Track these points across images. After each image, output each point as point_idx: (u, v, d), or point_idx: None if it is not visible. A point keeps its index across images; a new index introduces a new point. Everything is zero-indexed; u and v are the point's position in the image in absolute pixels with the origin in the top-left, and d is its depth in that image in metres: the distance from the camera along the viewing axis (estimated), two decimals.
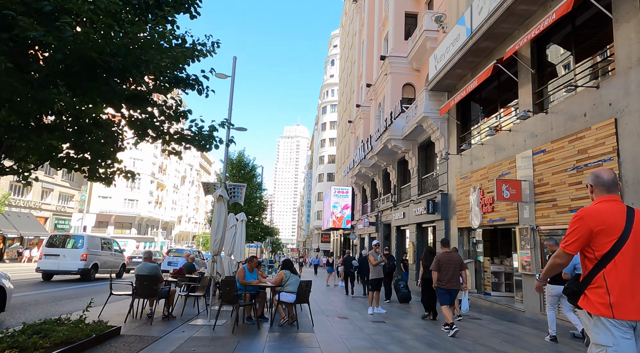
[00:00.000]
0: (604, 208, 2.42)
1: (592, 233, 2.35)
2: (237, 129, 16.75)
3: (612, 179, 2.50)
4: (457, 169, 13.71)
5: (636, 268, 2.30)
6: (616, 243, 2.32)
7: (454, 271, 7.26)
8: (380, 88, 21.74)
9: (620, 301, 2.26)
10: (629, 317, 2.24)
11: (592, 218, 2.38)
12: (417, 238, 17.41)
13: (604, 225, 2.34)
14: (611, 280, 2.30)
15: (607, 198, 2.47)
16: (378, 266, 9.46)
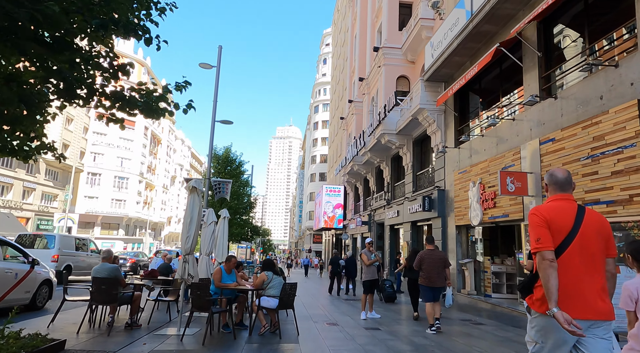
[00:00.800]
0: (554, 206, 2.40)
1: (548, 227, 2.32)
2: (222, 122, 15.86)
3: (565, 178, 2.47)
4: (454, 164, 12.93)
5: (581, 267, 2.28)
6: (563, 242, 2.29)
7: (438, 268, 7.23)
8: (373, 81, 20.93)
9: (564, 300, 2.22)
10: (575, 315, 2.18)
11: (544, 213, 2.37)
12: (412, 237, 16.61)
13: (554, 222, 2.32)
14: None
15: (560, 196, 2.45)
16: (372, 266, 8.62)
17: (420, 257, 7.40)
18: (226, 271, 6.88)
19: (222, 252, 10.41)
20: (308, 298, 12.73)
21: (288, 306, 6.58)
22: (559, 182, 2.49)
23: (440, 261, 7.34)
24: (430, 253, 7.41)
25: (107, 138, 57.52)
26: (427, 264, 7.27)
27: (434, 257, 7.34)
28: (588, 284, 2.26)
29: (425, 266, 7.27)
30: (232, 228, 18.57)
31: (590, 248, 2.31)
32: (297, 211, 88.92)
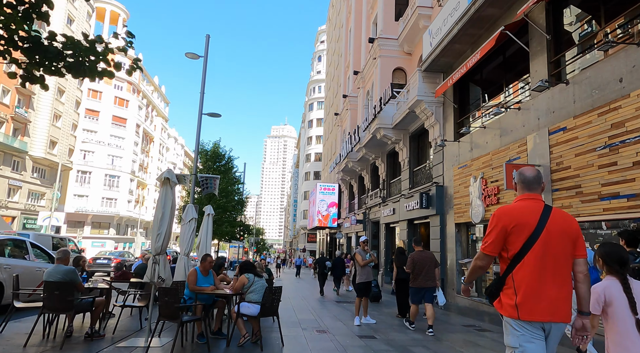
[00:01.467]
0: (519, 206, 2.38)
1: (506, 232, 2.30)
2: (210, 115, 15.08)
3: (533, 177, 2.44)
4: (454, 158, 12.24)
5: (545, 269, 2.23)
6: (526, 243, 2.25)
7: (428, 269, 7.25)
8: (368, 74, 20.20)
9: (525, 301, 2.20)
10: (533, 318, 2.19)
11: (506, 216, 2.33)
12: (409, 236, 15.91)
13: (517, 223, 2.28)
14: (518, 280, 2.24)
15: (527, 196, 2.42)
16: (367, 267, 7.88)
17: (412, 259, 7.35)
18: (202, 273, 6.11)
19: (205, 252, 9.63)
20: (298, 300, 11.98)
21: (271, 313, 5.83)
22: (527, 181, 2.44)
23: (430, 262, 7.33)
24: (420, 254, 7.38)
25: (98, 135, 56.39)
26: (419, 266, 7.24)
27: (424, 258, 7.32)
28: (550, 286, 2.22)
29: (417, 268, 7.23)
30: (221, 227, 17.78)
31: (554, 249, 2.25)
32: (292, 211, 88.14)
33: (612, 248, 2.52)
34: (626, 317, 2.29)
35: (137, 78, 63.83)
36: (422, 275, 7.19)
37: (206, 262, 6.19)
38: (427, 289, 7.20)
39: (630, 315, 2.28)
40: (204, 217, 10.11)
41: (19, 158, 39.32)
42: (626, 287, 2.33)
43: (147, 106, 70.17)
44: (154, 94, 75.63)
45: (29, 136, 40.42)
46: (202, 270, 6.14)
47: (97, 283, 5.90)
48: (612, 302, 2.34)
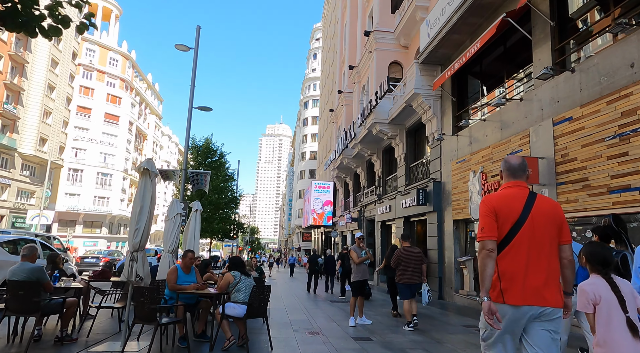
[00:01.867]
0: (505, 193, 2.40)
1: (496, 215, 2.30)
2: (201, 109, 14.59)
3: (518, 165, 2.46)
4: (452, 153, 11.87)
5: (530, 254, 2.25)
6: (511, 229, 2.25)
7: (415, 266, 7.25)
8: (364, 69, 19.78)
9: (511, 286, 2.21)
10: (519, 302, 2.20)
11: (493, 201, 2.35)
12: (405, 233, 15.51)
13: (502, 209, 2.30)
14: (504, 266, 2.26)
15: (512, 183, 2.43)
16: (363, 265, 7.47)
17: (397, 255, 7.34)
18: (183, 270, 5.66)
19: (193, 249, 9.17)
20: (291, 299, 11.55)
21: (259, 314, 5.40)
22: (512, 169, 2.46)
23: (417, 258, 7.34)
24: (407, 250, 7.37)
25: (90, 133, 55.59)
26: (405, 262, 7.25)
27: (411, 254, 7.31)
28: (535, 271, 2.23)
29: (403, 264, 7.25)
30: (212, 224, 17.30)
31: (540, 235, 2.27)
32: (287, 209, 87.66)
33: (596, 248, 2.49)
34: (616, 315, 2.28)
35: (130, 75, 63.01)
36: (409, 271, 7.19)
37: (187, 258, 5.74)
38: (414, 285, 7.23)
39: (620, 313, 2.27)
40: (191, 213, 9.66)
41: (7, 156, 38.51)
42: (613, 286, 2.33)
43: (141, 104, 69.32)
44: (147, 91, 74.77)
45: (18, 133, 39.59)
46: (183, 267, 5.69)
47: (70, 282, 5.43)
48: (601, 300, 2.33)
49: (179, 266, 5.71)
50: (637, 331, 2.24)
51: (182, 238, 9.49)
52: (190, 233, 9.35)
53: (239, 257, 5.66)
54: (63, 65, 45.50)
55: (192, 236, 9.31)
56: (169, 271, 5.57)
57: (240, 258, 5.54)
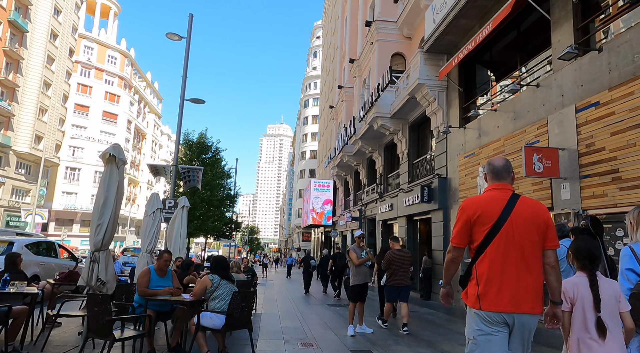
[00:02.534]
0: (485, 196, 2.34)
1: (470, 223, 2.25)
2: (193, 101, 13.85)
3: (502, 166, 2.38)
4: (459, 147, 11.10)
5: (508, 259, 2.15)
6: (488, 233, 2.19)
7: (405, 268, 7.17)
8: (365, 61, 19.01)
9: (487, 292, 2.15)
10: (495, 308, 2.12)
11: (470, 206, 2.29)
12: (408, 233, 14.77)
13: (480, 213, 2.23)
14: (481, 270, 2.19)
15: (495, 186, 2.37)
16: (363, 267, 6.69)
17: (389, 257, 7.20)
18: (157, 273, 4.90)
19: (178, 250, 8.43)
20: (286, 303, 10.79)
21: (241, 325, 4.64)
22: (495, 170, 2.38)
23: (407, 261, 7.25)
24: (398, 252, 7.25)
25: (87, 131, 54.90)
26: (397, 264, 7.12)
27: (402, 257, 7.20)
28: (513, 277, 2.14)
29: (395, 267, 7.13)
30: (206, 222, 16.53)
31: (520, 239, 2.17)
32: (287, 209, 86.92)
33: (583, 243, 2.42)
34: (589, 314, 2.23)
35: (128, 73, 62.36)
36: (399, 273, 7.10)
37: (162, 260, 4.98)
38: (402, 288, 7.10)
39: (592, 312, 2.22)
40: (177, 210, 8.91)
41: (2, 153, 37.80)
42: (593, 284, 2.27)
43: (140, 102, 68.63)
44: (146, 90, 74.08)
45: (12, 130, 38.88)
46: (157, 269, 4.93)
47: (22, 287, 4.67)
48: (577, 299, 2.28)
49: (153, 268, 4.95)
50: (605, 332, 2.18)
51: (167, 237, 8.71)
52: (176, 231, 8.61)
53: (222, 257, 4.88)
54: (59, 62, 44.80)
55: (178, 234, 8.57)
56: (140, 274, 4.81)
57: (223, 259, 4.76)
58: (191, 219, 16.21)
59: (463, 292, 2.31)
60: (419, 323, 7.91)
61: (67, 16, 46.04)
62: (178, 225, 8.62)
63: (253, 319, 7.52)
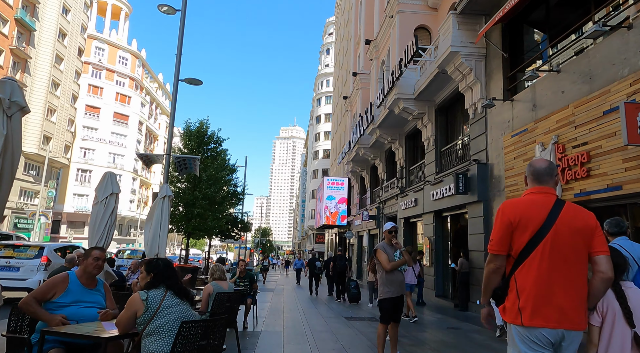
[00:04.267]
0: (526, 200, 2.16)
1: (512, 227, 2.07)
2: (188, 82, 12.21)
3: (544, 169, 2.20)
4: (504, 124, 9.08)
5: (553, 270, 1.97)
6: (530, 240, 2.02)
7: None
8: (383, 40, 17.06)
9: (528, 305, 1.93)
10: (538, 324, 1.91)
11: (510, 210, 2.11)
12: (436, 232, 12.75)
13: (521, 218, 2.05)
14: (521, 282, 1.99)
15: (536, 189, 2.18)
16: (396, 273, 4.76)
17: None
18: (81, 281, 3.09)
19: (156, 249, 6.69)
20: (294, 315, 8.91)
21: None
22: (536, 173, 2.20)
23: None
24: None
25: (98, 132, 54.40)
26: None
27: None
28: (558, 289, 1.95)
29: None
30: (206, 221, 14.83)
31: (565, 248, 1.99)
32: (300, 211, 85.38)
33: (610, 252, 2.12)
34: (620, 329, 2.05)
35: (139, 74, 61.87)
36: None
37: (89, 260, 3.16)
38: None
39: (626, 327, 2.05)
40: (156, 200, 7.17)
41: None
42: (620, 296, 2.09)
43: (151, 104, 68.09)
44: (158, 91, 73.63)
45: None
46: (81, 276, 3.12)
47: None
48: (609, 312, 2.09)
49: (74, 276, 3.14)
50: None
51: (144, 235, 6.98)
52: (154, 227, 6.86)
53: (164, 260, 2.96)
54: (68, 61, 44.17)
55: (157, 231, 6.82)
56: (47, 282, 3.00)
57: (165, 262, 2.86)
58: (190, 218, 14.56)
59: (500, 307, 2.07)
60: (467, 347, 5.93)
61: (76, 15, 45.43)
62: (157, 219, 6.88)
63: (248, 341, 5.68)
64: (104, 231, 4.75)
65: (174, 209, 14.92)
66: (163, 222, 6.90)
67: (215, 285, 4.59)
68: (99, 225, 4.76)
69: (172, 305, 2.53)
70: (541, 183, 2.17)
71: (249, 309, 6.97)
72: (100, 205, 4.83)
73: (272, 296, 13.64)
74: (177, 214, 14.89)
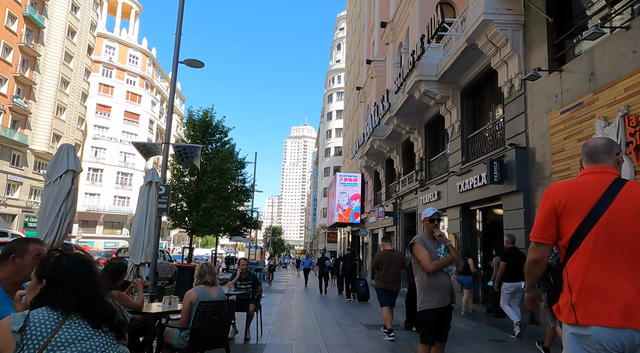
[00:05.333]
0: (576, 182, 1.90)
1: (557, 212, 1.82)
2: (189, 64, 11.17)
3: (598, 147, 1.93)
4: (551, 100, 7.75)
5: (613, 258, 1.68)
6: (581, 225, 1.74)
7: (396, 270, 6.92)
8: (402, 19, 15.75)
9: (582, 300, 1.65)
10: (597, 322, 1.59)
11: (556, 193, 1.86)
12: (463, 228, 11.45)
13: (568, 201, 1.79)
14: (573, 273, 1.74)
15: (591, 169, 1.91)
16: (441, 275, 3.54)
17: (378, 258, 6.97)
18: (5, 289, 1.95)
19: (142, 245, 5.60)
20: (305, 322, 7.74)
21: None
22: (591, 151, 1.93)
23: (398, 263, 6.96)
24: (388, 254, 7.03)
25: (109, 132, 54.27)
26: (386, 266, 6.83)
27: (392, 258, 6.94)
28: (621, 281, 1.64)
29: (384, 268, 6.82)
30: (212, 217, 13.75)
31: (625, 233, 1.69)
32: (312, 210, 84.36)
33: None
34: None
35: (150, 73, 61.62)
36: (389, 276, 6.82)
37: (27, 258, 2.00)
38: (392, 292, 6.81)
39: None
40: (142, 188, 6.09)
41: (19, 152, 36.85)
42: None
43: (162, 102, 67.82)
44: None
45: (30, 128, 37.93)
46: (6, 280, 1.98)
47: None
48: None
49: None
50: None
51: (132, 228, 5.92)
52: (139, 218, 5.78)
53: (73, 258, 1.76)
54: (78, 59, 43.87)
55: (142, 223, 5.73)
56: None
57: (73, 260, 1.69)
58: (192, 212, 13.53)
59: (554, 307, 1.82)
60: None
61: (85, 12, 45.12)
62: (142, 208, 5.80)
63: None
64: (57, 220, 3.64)
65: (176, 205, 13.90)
66: (150, 212, 5.82)
67: (201, 291, 3.46)
68: (50, 212, 3.65)
69: (74, 341, 1.35)
70: (596, 162, 1.92)
71: (251, 317, 5.85)
72: (53, 187, 3.72)
73: (282, 298, 12.51)
74: (180, 210, 13.90)
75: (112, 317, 1.41)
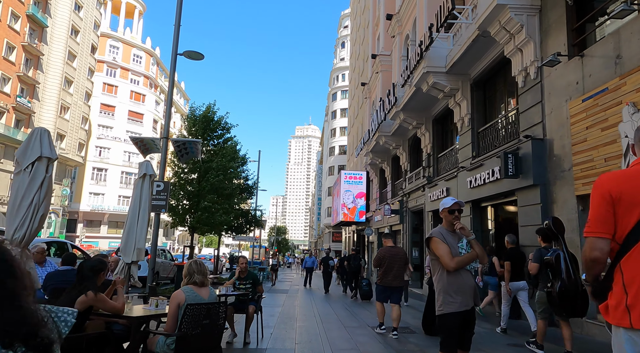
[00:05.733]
0: (630, 170, 1.68)
1: (612, 202, 1.62)
2: (189, 56, 10.79)
3: None
4: (571, 87, 7.27)
5: None
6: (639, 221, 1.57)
7: (399, 267, 6.77)
8: (408, 10, 15.27)
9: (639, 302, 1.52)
10: None
11: (610, 183, 1.67)
12: (474, 225, 10.96)
13: (623, 192, 1.60)
14: (629, 271, 1.57)
15: None
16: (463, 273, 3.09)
17: (381, 255, 6.87)
18: None
19: (134, 242, 5.22)
20: (310, 325, 7.31)
21: None
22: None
23: (401, 260, 6.82)
24: (391, 250, 6.92)
25: (114, 131, 54.23)
26: (388, 263, 6.74)
27: (395, 255, 6.82)
28: None
29: (386, 265, 6.75)
30: (214, 215, 13.38)
31: None
32: (316, 209, 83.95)
33: None
34: None
35: (154, 72, 61.51)
36: (391, 273, 6.67)
37: None
38: (394, 289, 6.67)
39: None
40: (136, 182, 5.71)
41: None
42: None
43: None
44: None
45: (33, 128, 37.85)
46: None
47: None
48: None
49: None
50: None
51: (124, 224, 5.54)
52: (132, 213, 5.39)
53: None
54: (81, 58, 43.78)
55: (134, 219, 5.35)
56: None
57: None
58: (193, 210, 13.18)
59: (602, 306, 1.69)
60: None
61: (89, 12, 45.02)
62: (135, 203, 5.41)
63: None
64: (28, 213, 3.23)
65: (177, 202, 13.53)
66: (142, 207, 5.43)
67: (189, 291, 3.05)
68: (20, 203, 3.23)
69: None
70: None
71: (251, 319, 5.44)
72: (24, 175, 3.31)
73: (285, 298, 12.10)
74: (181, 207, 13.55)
75: (31, 333, 0.99)
